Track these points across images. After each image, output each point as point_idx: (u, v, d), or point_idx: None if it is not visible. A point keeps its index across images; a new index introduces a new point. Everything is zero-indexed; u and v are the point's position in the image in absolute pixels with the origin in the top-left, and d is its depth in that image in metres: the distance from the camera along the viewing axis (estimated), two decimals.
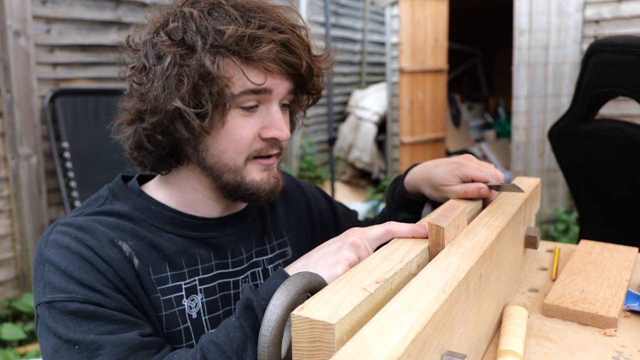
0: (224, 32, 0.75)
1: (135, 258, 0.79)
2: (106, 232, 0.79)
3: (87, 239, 0.77)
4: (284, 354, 0.63)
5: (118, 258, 0.77)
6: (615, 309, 0.79)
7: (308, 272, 0.67)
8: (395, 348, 0.41)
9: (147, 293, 0.78)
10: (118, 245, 0.78)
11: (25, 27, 3.08)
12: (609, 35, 4.00)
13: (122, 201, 0.86)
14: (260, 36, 0.76)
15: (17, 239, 3.17)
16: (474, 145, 6.66)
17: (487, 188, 0.87)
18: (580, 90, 1.56)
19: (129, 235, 0.81)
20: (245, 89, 0.78)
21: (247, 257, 0.92)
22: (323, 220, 1.10)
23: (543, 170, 4.55)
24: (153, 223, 0.84)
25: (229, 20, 0.76)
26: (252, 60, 0.77)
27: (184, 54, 0.76)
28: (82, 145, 3.28)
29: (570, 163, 1.70)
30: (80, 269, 0.74)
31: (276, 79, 0.80)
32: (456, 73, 7.82)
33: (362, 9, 6.59)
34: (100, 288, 0.73)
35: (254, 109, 0.81)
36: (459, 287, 0.55)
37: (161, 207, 0.86)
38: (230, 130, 0.80)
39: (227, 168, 0.83)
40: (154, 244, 0.82)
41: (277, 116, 0.82)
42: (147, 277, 0.79)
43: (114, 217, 0.83)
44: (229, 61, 0.77)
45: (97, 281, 0.74)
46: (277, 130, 0.82)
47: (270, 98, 0.82)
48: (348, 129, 6.06)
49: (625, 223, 1.62)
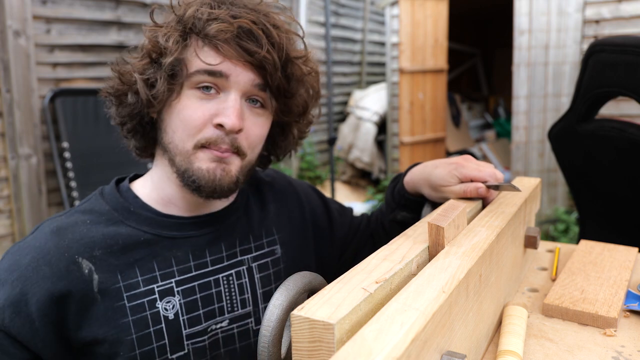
0: (187, 11, 0.80)
1: (95, 274, 0.80)
2: (70, 246, 0.80)
3: (46, 255, 0.79)
4: (284, 354, 0.63)
5: (72, 280, 0.78)
6: (615, 309, 0.79)
7: (308, 272, 0.67)
8: (395, 348, 0.41)
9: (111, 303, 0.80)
10: (77, 263, 0.79)
11: (25, 27, 3.08)
12: (609, 35, 4.00)
13: (106, 200, 0.88)
14: (217, 16, 0.78)
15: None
16: (474, 145, 6.66)
17: (485, 188, 0.87)
18: (580, 90, 1.56)
19: (99, 243, 0.82)
20: (199, 68, 0.79)
21: (229, 256, 0.92)
22: (315, 219, 1.09)
23: (543, 170, 4.55)
24: (130, 224, 0.85)
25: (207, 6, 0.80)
26: (208, 40, 0.79)
27: (153, 31, 0.82)
28: (82, 145, 3.28)
29: (570, 163, 1.70)
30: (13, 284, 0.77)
31: (235, 66, 0.80)
32: (456, 73, 7.82)
33: (362, 9, 6.59)
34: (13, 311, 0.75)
35: (212, 95, 0.81)
36: (458, 287, 0.55)
37: (141, 208, 0.88)
38: (181, 109, 0.81)
39: (178, 150, 0.83)
40: (126, 249, 0.83)
41: (230, 104, 0.80)
42: (112, 287, 0.80)
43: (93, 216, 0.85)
44: (190, 40, 0.80)
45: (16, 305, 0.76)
46: (225, 117, 0.80)
47: (228, 85, 0.81)
48: (348, 129, 6.07)
49: (626, 223, 1.62)
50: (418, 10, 5.41)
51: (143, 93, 0.81)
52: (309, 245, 1.06)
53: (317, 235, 1.09)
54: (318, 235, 1.09)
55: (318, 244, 1.08)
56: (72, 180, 3.21)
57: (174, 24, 0.81)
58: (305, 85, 0.90)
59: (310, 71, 0.90)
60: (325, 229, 1.10)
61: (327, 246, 1.10)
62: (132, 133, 0.88)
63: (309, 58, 0.89)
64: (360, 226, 1.15)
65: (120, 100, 0.85)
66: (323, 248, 1.09)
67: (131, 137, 0.89)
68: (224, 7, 0.80)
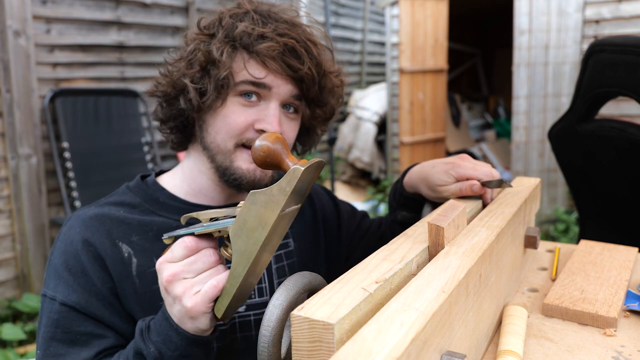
0: (237, 27, 0.87)
1: (134, 257, 0.86)
2: (111, 231, 0.87)
3: (90, 237, 0.85)
4: (284, 354, 0.63)
5: (115, 259, 0.85)
6: (615, 309, 0.79)
7: (308, 272, 0.67)
8: (394, 348, 0.41)
9: (148, 286, 0.85)
10: (118, 247, 0.86)
11: (25, 27, 3.08)
12: (609, 35, 4.00)
13: (135, 193, 0.94)
14: (266, 35, 0.86)
15: (17, 239, 3.17)
16: (474, 145, 6.66)
17: (479, 185, 0.88)
18: (580, 90, 1.56)
19: (135, 229, 0.88)
20: (245, 79, 0.87)
21: None
22: (326, 218, 1.12)
23: (543, 170, 4.55)
24: (162, 214, 0.91)
25: (251, 21, 0.88)
26: (255, 54, 0.86)
27: (204, 41, 0.88)
28: (82, 145, 3.28)
29: (570, 163, 1.70)
30: (70, 270, 0.83)
31: (278, 79, 0.88)
32: (456, 73, 7.82)
33: (362, 9, 6.60)
34: (80, 295, 0.82)
35: (254, 102, 0.89)
36: (458, 287, 0.55)
37: (170, 199, 0.94)
38: (227, 114, 0.88)
39: (219, 149, 0.90)
40: (160, 235, 0.88)
41: (272, 112, 0.88)
42: (148, 271, 0.86)
43: (125, 208, 0.91)
44: (237, 53, 0.87)
45: (81, 285, 0.83)
46: (267, 124, 0.88)
47: (270, 95, 0.89)
48: (348, 129, 6.07)
49: (626, 223, 1.62)
50: (418, 10, 5.41)
51: (195, 99, 0.87)
52: (320, 243, 1.09)
53: (327, 234, 1.11)
54: (328, 234, 1.11)
55: (328, 243, 1.11)
56: (72, 180, 3.21)
57: (223, 36, 0.87)
58: (335, 95, 0.98)
59: (342, 84, 0.99)
60: (335, 229, 1.13)
61: (336, 246, 1.12)
62: (174, 130, 0.95)
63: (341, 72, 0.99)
64: (370, 228, 1.17)
65: (169, 102, 0.92)
66: (332, 247, 1.11)
67: (171, 133, 0.96)
68: (270, 23, 0.88)
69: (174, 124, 0.94)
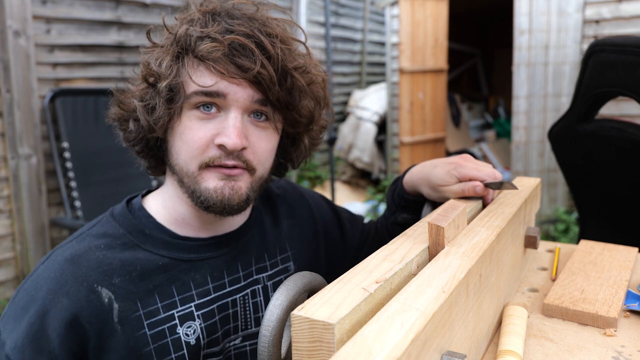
0: (178, 32, 0.78)
1: (115, 302, 0.77)
2: (88, 274, 0.77)
3: (61, 287, 0.75)
4: (284, 354, 0.63)
5: (91, 310, 0.75)
6: (615, 309, 0.79)
7: (308, 272, 0.67)
8: (395, 348, 0.41)
9: (131, 333, 0.77)
10: (96, 292, 0.76)
11: (25, 27, 3.08)
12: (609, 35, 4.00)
13: (119, 222, 0.84)
14: (208, 34, 0.75)
15: (17, 239, 3.17)
16: (474, 145, 6.65)
17: (482, 186, 0.87)
18: (580, 90, 1.56)
19: (117, 270, 0.79)
20: (197, 90, 0.77)
21: (245, 275, 0.91)
22: (327, 230, 1.08)
23: (543, 170, 4.54)
24: (147, 248, 0.83)
25: (200, 24, 0.78)
26: (203, 60, 0.76)
27: (149, 54, 0.81)
28: (82, 145, 3.28)
29: (571, 163, 1.70)
30: (29, 321, 0.73)
31: (232, 84, 0.77)
32: (456, 73, 7.82)
33: (362, 9, 6.59)
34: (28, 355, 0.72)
35: (213, 114, 0.78)
36: (459, 287, 0.55)
37: (157, 229, 0.85)
38: (183, 131, 0.79)
39: (184, 172, 0.81)
40: (145, 274, 0.80)
41: (231, 123, 0.77)
42: (132, 316, 0.78)
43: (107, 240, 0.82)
44: (185, 61, 0.78)
45: (34, 342, 0.72)
46: (225, 137, 0.77)
47: (227, 103, 0.78)
48: (348, 129, 6.06)
49: (626, 223, 1.62)
50: (418, 10, 5.41)
51: (143, 119, 0.80)
52: (320, 258, 1.05)
53: (329, 246, 1.07)
54: (330, 246, 1.07)
55: (330, 255, 1.07)
56: (72, 180, 3.21)
57: (169, 44, 0.79)
58: (310, 95, 0.86)
59: (313, 80, 0.85)
60: (338, 240, 1.09)
61: (339, 256, 1.09)
62: (142, 154, 0.88)
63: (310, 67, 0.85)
64: (370, 234, 1.15)
65: (123, 126, 0.85)
66: (335, 258, 1.08)
67: (141, 158, 0.89)
68: (218, 20, 0.77)
69: (139, 147, 0.85)
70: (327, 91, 0.91)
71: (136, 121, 0.82)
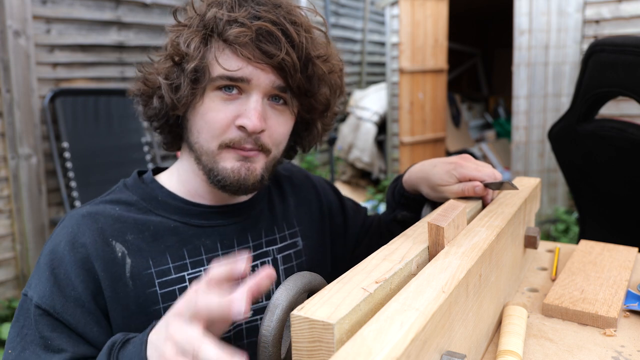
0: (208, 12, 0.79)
1: (128, 257, 0.80)
2: (104, 229, 0.81)
3: (80, 236, 0.79)
4: (284, 354, 0.63)
5: (107, 260, 0.79)
6: (615, 309, 0.79)
7: (307, 272, 0.67)
8: (394, 348, 0.41)
9: (142, 289, 0.80)
10: (111, 245, 0.80)
11: (25, 27, 3.08)
12: (609, 35, 4.00)
13: (132, 191, 0.89)
14: (236, 19, 0.77)
15: (17, 239, 3.17)
16: (474, 145, 6.65)
17: (482, 186, 0.87)
18: (580, 90, 1.56)
19: (131, 228, 0.83)
20: (222, 74, 0.79)
21: (255, 246, 0.93)
22: (332, 214, 1.10)
23: (543, 170, 4.54)
24: (160, 213, 0.86)
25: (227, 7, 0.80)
26: (230, 44, 0.78)
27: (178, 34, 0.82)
28: (82, 145, 3.28)
29: (571, 163, 1.70)
30: (53, 272, 0.77)
31: (257, 69, 0.79)
32: (456, 73, 7.82)
33: (362, 9, 6.59)
34: (56, 299, 0.76)
35: (235, 96, 0.81)
36: (458, 287, 0.55)
37: (169, 197, 0.89)
38: (205, 111, 0.82)
39: (203, 150, 0.84)
40: (156, 235, 0.84)
41: (252, 106, 0.81)
42: (144, 273, 0.81)
43: (121, 206, 0.85)
44: (212, 43, 0.80)
45: (61, 288, 0.76)
46: (246, 119, 0.80)
47: (250, 87, 0.81)
48: (348, 129, 6.06)
49: (626, 223, 1.62)
50: (418, 10, 5.41)
51: (167, 97, 0.82)
52: (326, 240, 1.07)
53: (333, 231, 1.09)
54: (333, 231, 1.10)
55: (333, 240, 1.09)
56: (72, 180, 3.21)
57: (195, 25, 0.80)
58: (328, 83, 0.89)
59: (332, 69, 0.89)
60: (340, 226, 1.11)
61: (341, 243, 1.11)
62: (160, 130, 0.90)
63: (330, 56, 0.88)
64: (372, 225, 1.16)
65: (146, 101, 0.88)
66: (337, 244, 1.10)
67: (159, 134, 0.92)
68: (245, 5, 0.80)
69: (158, 124, 0.89)
70: (343, 80, 0.94)
71: (160, 98, 0.84)
